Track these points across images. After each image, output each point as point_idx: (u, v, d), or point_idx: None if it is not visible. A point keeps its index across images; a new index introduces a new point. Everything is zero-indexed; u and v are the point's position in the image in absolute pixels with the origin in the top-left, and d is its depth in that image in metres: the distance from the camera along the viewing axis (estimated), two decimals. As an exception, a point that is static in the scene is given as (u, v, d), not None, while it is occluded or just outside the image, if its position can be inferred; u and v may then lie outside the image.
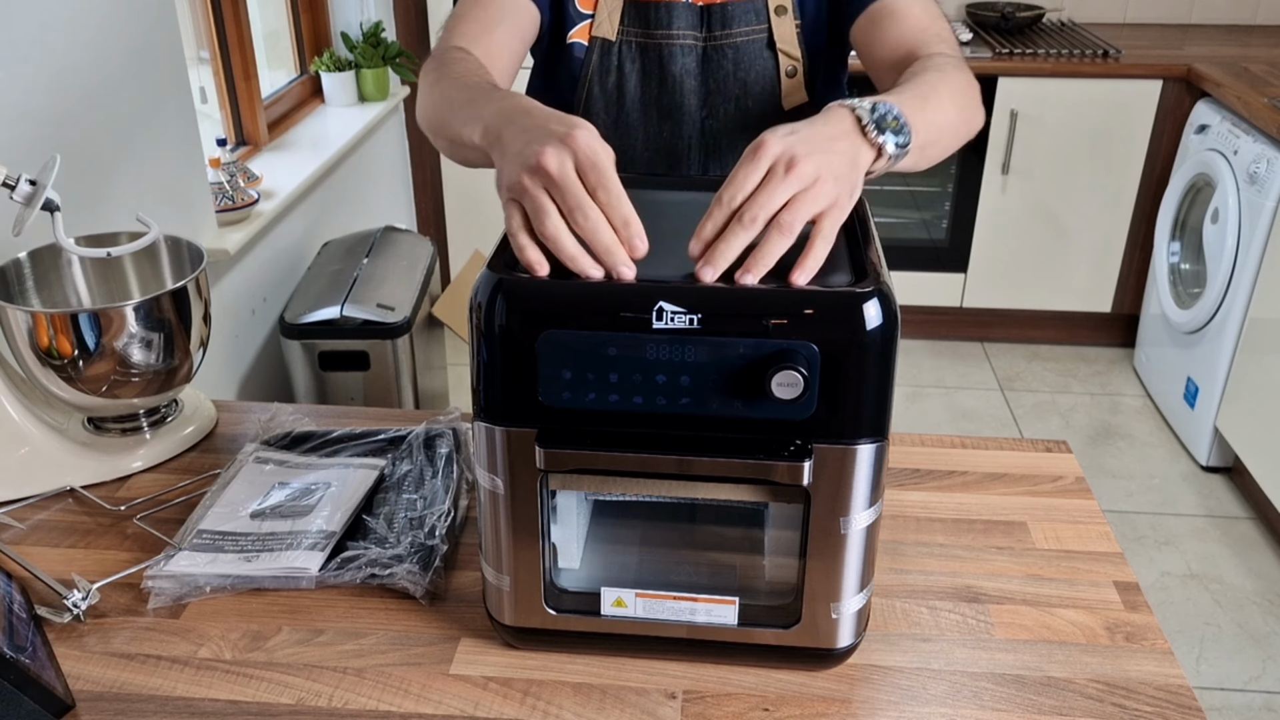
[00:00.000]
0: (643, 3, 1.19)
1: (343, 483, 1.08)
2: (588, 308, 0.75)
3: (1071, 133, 3.07)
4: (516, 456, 0.80)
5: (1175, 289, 2.97)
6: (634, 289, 0.75)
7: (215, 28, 2.42)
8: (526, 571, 0.85)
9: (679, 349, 0.74)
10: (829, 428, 0.77)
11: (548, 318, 0.75)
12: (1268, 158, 2.50)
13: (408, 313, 2.31)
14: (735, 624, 0.86)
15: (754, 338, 0.74)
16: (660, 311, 0.73)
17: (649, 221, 0.78)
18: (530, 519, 0.83)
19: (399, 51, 3.04)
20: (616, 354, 0.75)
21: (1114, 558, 1.01)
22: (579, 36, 1.20)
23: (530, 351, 0.75)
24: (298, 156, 2.58)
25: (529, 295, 0.76)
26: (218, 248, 2.06)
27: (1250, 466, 2.57)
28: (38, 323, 1.07)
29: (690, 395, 0.76)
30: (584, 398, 0.77)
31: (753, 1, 1.19)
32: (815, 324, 0.74)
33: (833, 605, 0.84)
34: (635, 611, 0.86)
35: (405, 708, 0.84)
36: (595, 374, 0.76)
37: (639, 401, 0.76)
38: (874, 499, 0.81)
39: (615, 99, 1.22)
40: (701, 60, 1.21)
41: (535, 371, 0.76)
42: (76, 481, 1.11)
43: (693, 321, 0.73)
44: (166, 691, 0.86)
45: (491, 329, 0.76)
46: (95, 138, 1.71)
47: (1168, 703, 0.85)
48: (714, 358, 0.74)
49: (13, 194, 1.04)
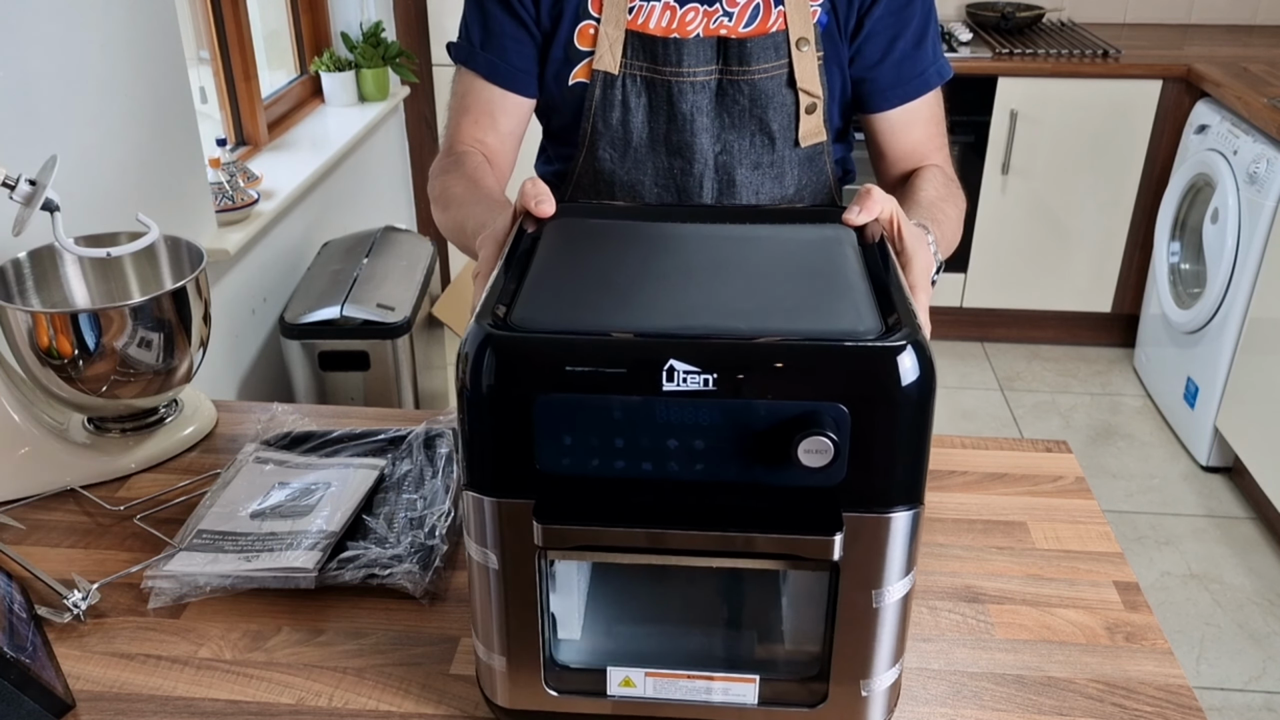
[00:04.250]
0: (650, 36, 1.15)
1: (343, 483, 1.08)
2: (590, 367, 0.67)
3: (1071, 133, 3.07)
4: (511, 530, 0.72)
5: (1175, 289, 2.97)
6: (641, 344, 0.68)
7: (215, 28, 2.42)
8: (523, 650, 0.77)
9: (692, 412, 0.67)
10: (860, 495, 0.69)
11: (546, 378, 0.67)
12: (1267, 158, 2.50)
13: (408, 313, 2.31)
14: (755, 704, 0.78)
15: (776, 399, 0.66)
16: (671, 371, 0.66)
17: (659, 259, 0.77)
18: (527, 594, 0.75)
19: (399, 51, 3.04)
20: (623, 418, 0.68)
21: (1114, 558, 1.01)
22: (581, 76, 1.17)
23: (526, 415, 0.68)
24: (298, 156, 2.58)
25: (524, 353, 0.68)
26: (218, 248, 2.06)
27: (1250, 466, 2.57)
28: (38, 323, 1.07)
29: (704, 461, 0.69)
30: (586, 464, 0.69)
31: (773, 36, 1.15)
32: (844, 382, 0.66)
33: (863, 683, 0.77)
34: (645, 692, 0.79)
35: (405, 708, 0.84)
36: (599, 439, 0.69)
37: (648, 468, 0.69)
38: (908, 568, 0.74)
39: (621, 135, 1.19)
40: (716, 95, 1.17)
41: (531, 437, 0.69)
42: (76, 481, 1.11)
43: (707, 382, 0.66)
44: (166, 691, 0.86)
45: (481, 389, 0.68)
46: (96, 138, 1.70)
47: (1168, 703, 0.85)
48: (731, 421, 0.67)
49: (13, 194, 1.04)
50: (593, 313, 0.73)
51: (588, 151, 1.21)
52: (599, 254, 0.82)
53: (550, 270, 0.78)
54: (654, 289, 0.76)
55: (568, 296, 0.75)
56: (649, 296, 0.75)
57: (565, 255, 0.81)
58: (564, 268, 0.79)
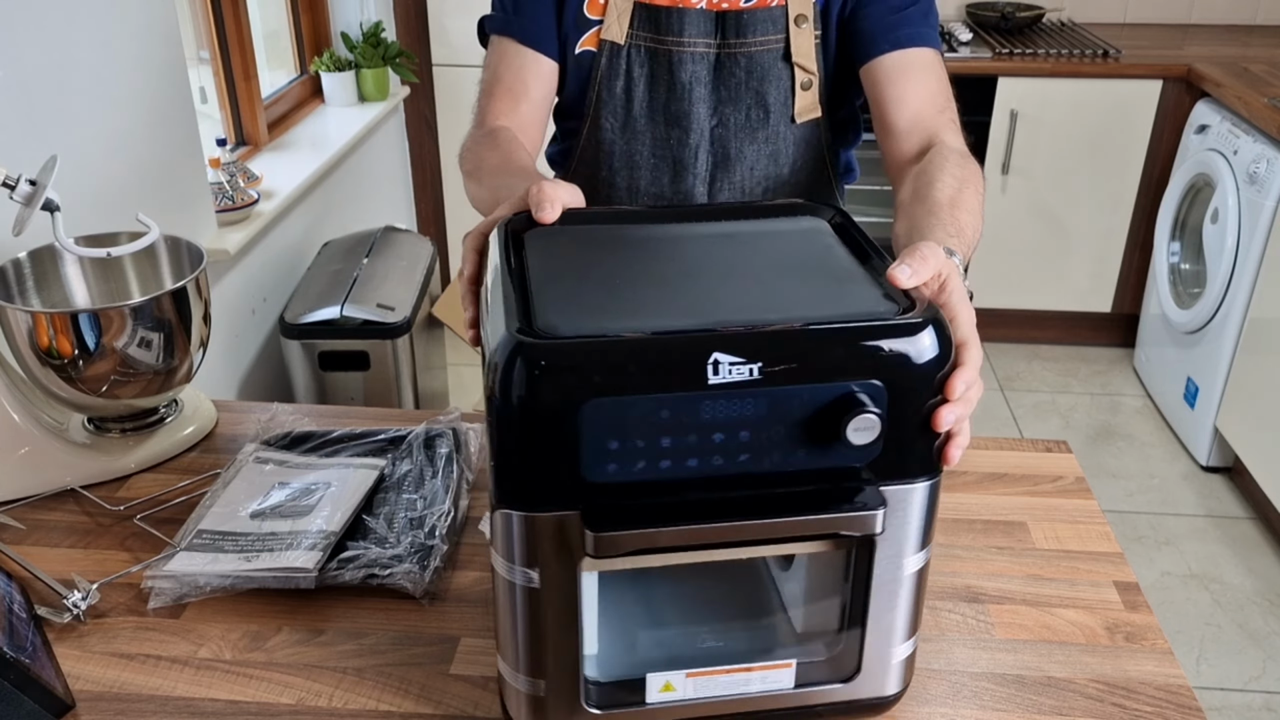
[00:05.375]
0: (655, 6, 1.18)
1: (343, 483, 1.08)
2: (634, 368, 0.66)
3: (1071, 133, 3.07)
4: (552, 544, 0.70)
5: (1175, 289, 2.97)
6: (686, 340, 0.67)
7: (215, 28, 2.42)
8: (564, 670, 0.75)
9: (737, 404, 0.67)
10: (890, 468, 0.71)
11: (591, 383, 0.65)
12: (1268, 158, 2.50)
13: (408, 313, 2.31)
14: (792, 687, 0.79)
15: (819, 383, 0.67)
16: (716, 365, 0.66)
17: (654, 262, 0.77)
18: (568, 613, 0.73)
19: (399, 51, 3.04)
20: (670, 417, 0.67)
21: (1114, 558, 1.01)
22: (588, 44, 1.20)
23: (571, 423, 0.66)
24: (298, 156, 2.58)
25: (567, 358, 0.66)
26: (218, 248, 2.06)
27: (1250, 466, 2.57)
28: (38, 323, 1.07)
29: (749, 451, 0.69)
30: (632, 468, 0.68)
31: (771, 10, 1.17)
32: (882, 359, 0.68)
33: (890, 651, 0.79)
34: (686, 694, 0.78)
35: (405, 708, 0.84)
36: (645, 440, 0.67)
37: (693, 465, 0.69)
38: (929, 538, 0.76)
39: (623, 103, 1.22)
40: (714, 67, 1.19)
41: (577, 445, 0.66)
42: (77, 481, 1.11)
43: (752, 372, 0.66)
44: (166, 691, 0.86)
45: (519, 400, 0.65)
46: (95, 138, 1.70)
47: (1168, 703, 0.85)
48: (776, 409, 0.68)
49: (13, 194, 1.04)
50: (615, 316, 0.71)
51: (592, 122, 1.23)
52: (593, 260, 0.81)
53: (551, 278, 0.76)
54: (663, 290, 0.75)
55: (582, 302, 0.73)
56: (661, 297, 0.74)
57: (559, 262, 0.79)
58: (563, 275, 0.77)
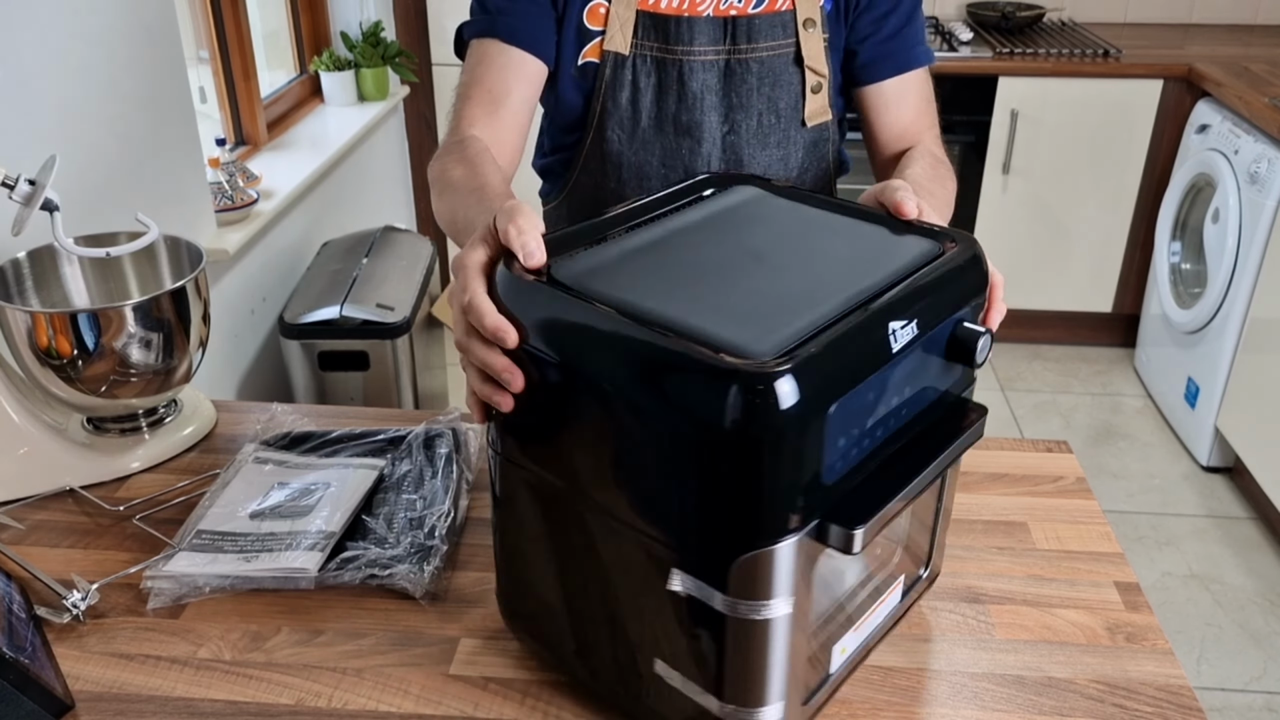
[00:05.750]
0: (661, 16, 1.16)
1: (342, 483, 1.08)
2: (846, 360, 0.66)
3: (1072, 133, 3.07)
4: (807, 561, 0.69)
5: (1176, 289, 2.97)
6: (869, 319, 0.68)
7: (215, 28, 2.42)
8: (800, 688, 0.77)
9: (907, 363, 0.71)
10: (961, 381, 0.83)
11: (830, 385, 0.64)
12: (1268, 157, 2.49)
13: (407, 313, 2.31)
14: (900, 600, 0.88)
15: (946, 320, 0.75)
16: (895, 333, 0.69)
17: (708, 253, 0.78)
18: (809, 625, 0.75)
19: (398, 51, 3.04)
20: (873, 398, 0.69)
21: (1114, 558, 1.01)
22: (591, 55, 1.18)
23: (818, 434, 0.64)
24: (297, 156, 2.58)
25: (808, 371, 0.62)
26: (217, 248, 2.06)
27: (1251, 467, 2.57)
28: (37, 323, 1.07)
29: (911, 401, 0.74)
30: (849, 457, 0.69)
31: (780, 15, 1.17)
32: (977, 289, 0.80)
33: (942, 549, 0.91)
34: (850, 648, 0.82)
35: (405, 708, 0.84)
36: (857, 427, 0.69)
37: (881, 434, 0.71)
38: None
39: (630, 115, 1.20)
40: (724, 74, 1.18)
41: (820, 455, 0.65)
42: (76, 481, 1.11)
43: (913, 329, 0.70)
44: (166, 692, 0.86)
45: (779, 426, 0.61)
46: (95, 138, 1.70)
47: (1168, 703, 0.84)
48: (927, 355, 0.74)
49: (12, 194, 1.04)
50: (760, 317, 0.69)
51: (595, 133, 1.21)
52: (653, 265, 0.77)
53: (638, 296, 0.71)
54: (752, 279, 0.74)
55: (706, 309, 0.69)
56: (760, 287, 0.73)
57: (626, 278, 0.74)
58: (649, 288, 0.72)
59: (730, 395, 0.60)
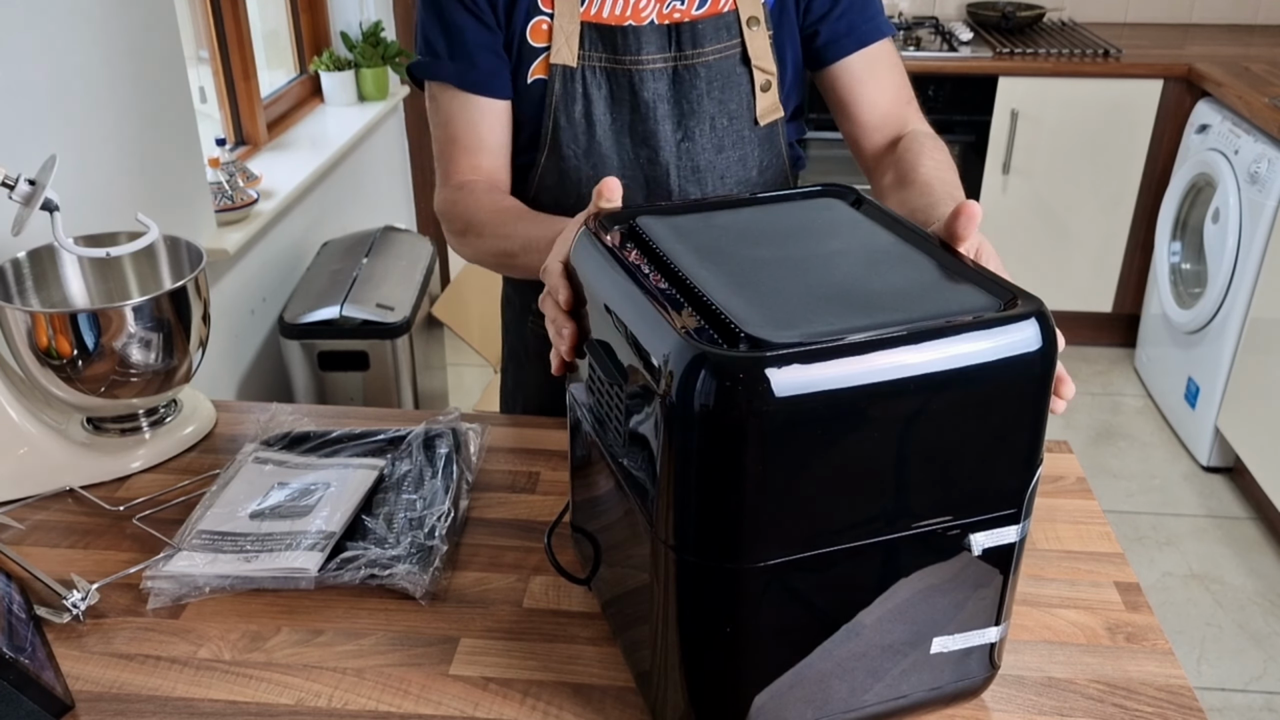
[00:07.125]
0: (606, 26, 1.14)
1: (342, 483, 1.08)
2: None
3: (1072, 133, 3.07)
4: None
5: (1176, 289, 2.97)
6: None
7: (215, 28, 2.42)
8: None
9: None
10: None
11: None
12: (1269, 157, 2.49)
13: (407, 313, 2.31)
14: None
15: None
16: None
17: (766, 250, 0.79)
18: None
19: (398, 51, 3.04)
20: None
21: (1115, 558, 1.01)
22: (539, 72, 1.16)
23: None
24: (297, 156, 2.58)
25: None
26: (217, 248, 2.06)
27: (1251, 467, 2.57)
28: (37, 323, 1.07)
29: None
30: None
31: (723, 16, 1.15)
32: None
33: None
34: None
35: (405, 708, 0.84)
36: None
37: None
38: None
39: (584, 128, 1.18)
40: (673, 82, 1.17)
41: None
42: (76, 481, 1.11)
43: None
44: (166, 692, 0.86)
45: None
46: (95, 138, 1.70)
47: (1168, 703, 0.84)
48: None
49: (12, 194, 1.04)
50: (812, 306, 0.71)
51: (551, 149, 1.20)
52: (725, 242, 0.80)
53: (693, 261, 0.76)
54: (812, 276, 0.75)
55: (766, 302, 0.71)
56: (818, 280, 0.74)
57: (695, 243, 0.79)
58: (709, 258, 0.77)
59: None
